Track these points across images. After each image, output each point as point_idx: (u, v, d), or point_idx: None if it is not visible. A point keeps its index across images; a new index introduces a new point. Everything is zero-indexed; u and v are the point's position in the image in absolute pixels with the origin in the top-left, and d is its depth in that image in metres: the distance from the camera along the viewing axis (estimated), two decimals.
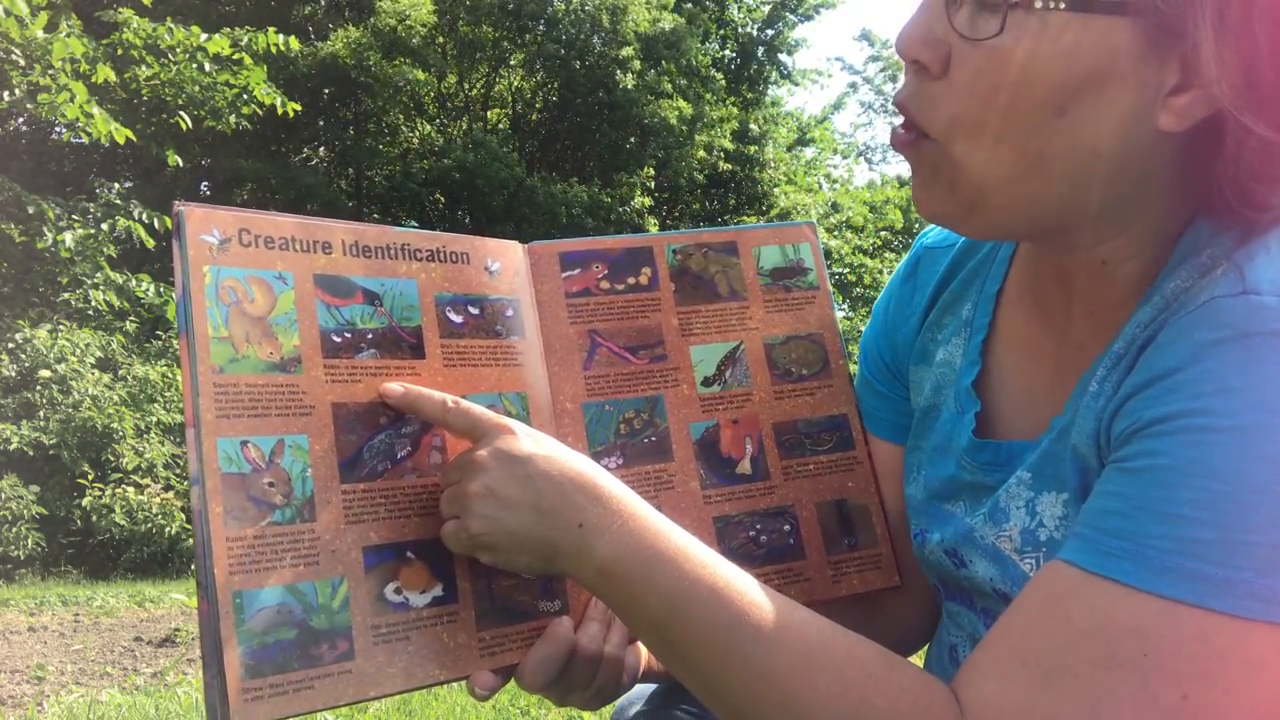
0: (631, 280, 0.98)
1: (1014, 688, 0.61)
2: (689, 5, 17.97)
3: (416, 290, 0.87)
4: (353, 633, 0.75)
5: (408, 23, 14.64)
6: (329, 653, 0.74)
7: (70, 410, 8.49)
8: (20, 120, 11.41)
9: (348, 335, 0.83)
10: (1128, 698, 0.58)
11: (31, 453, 8.19)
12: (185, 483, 8.82)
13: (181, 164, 8.59)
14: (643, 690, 1.00)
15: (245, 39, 8.19)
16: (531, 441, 0.76)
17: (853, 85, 26.23)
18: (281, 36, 8.00)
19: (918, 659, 0.99)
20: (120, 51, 8.22)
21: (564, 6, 15.23)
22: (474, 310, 0.89)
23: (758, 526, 0.94)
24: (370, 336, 0.83)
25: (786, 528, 0.94)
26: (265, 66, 8.39)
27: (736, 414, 0.97)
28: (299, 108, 8.32)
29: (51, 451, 8.29)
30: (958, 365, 0.89)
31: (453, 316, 0.88)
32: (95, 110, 6.87)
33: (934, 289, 0.94)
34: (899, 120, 0.74)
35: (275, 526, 0.75)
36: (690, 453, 0.94)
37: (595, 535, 0.72)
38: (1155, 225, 0.71)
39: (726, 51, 19.09)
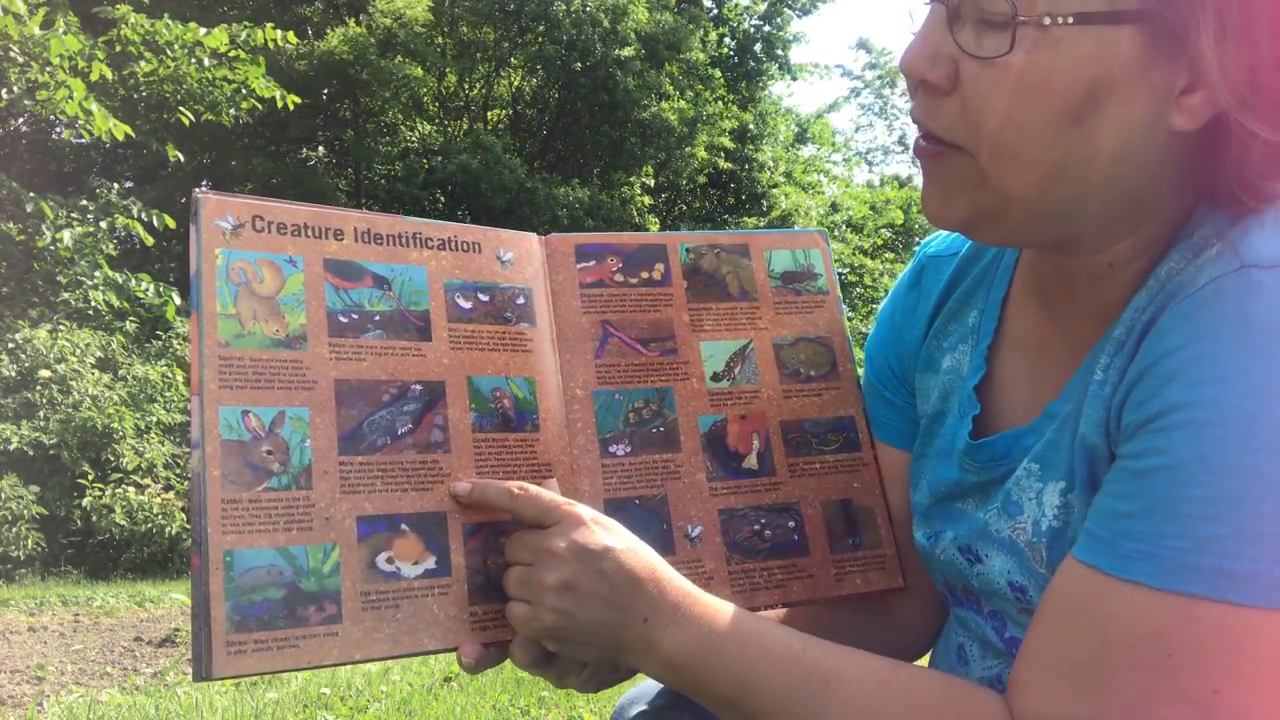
0: (645, 275, 0.99)
1: (1054, 698, 0.64)
2: (687, 4, 17.96)
3: (426, 276, 0.88)
4: (342, 597, 0.77)
5: (402, 21, 14.64)
6: (316, 614, 0.75)
7: (70, 410, 8.47)
8: (20, 120, 11.40)
9: (354, 316, 0.84)
10: (1160, 697, 0.60)
11: (31, 453, 8.17)
12: (185, 483, 8.81)
13: (182, 160, 8.58)
14: (644, 690, 0.99)
15: (243, 34, 8.19)
16: (605, 533, 0.78)
17: (854, 90, 26.26)
18: (279, 32, 8.00)
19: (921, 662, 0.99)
20: (118, 48, 8.21)
21: (565, 7, 15.22)
22: (484, 297, 0.90)
23: (763, 521, 0.94)
24: (377, 318, 0.85)
25: (791, 524, 0.95)
26: (264, 60, 8.39)
27: (744, 410, 0.97)
28: (298, 100, 8.34)
29: (51, 451, 8.27)
30: (964, 372, 0.89)
31: (461, 302, 0.89)
32: (94, 107, 6.86)
33: (938, 297, 0.94)
34: (914, 129, 0.74)
35: (271, 492, 0.77)
36: (698, 445, 0.95)
37: (659, 628, 0.75)
38: (1164, 225, 0.71)
39: (723, 49, 19.07)
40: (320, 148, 16.47)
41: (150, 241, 8.19)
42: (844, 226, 20.35)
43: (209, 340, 0.78)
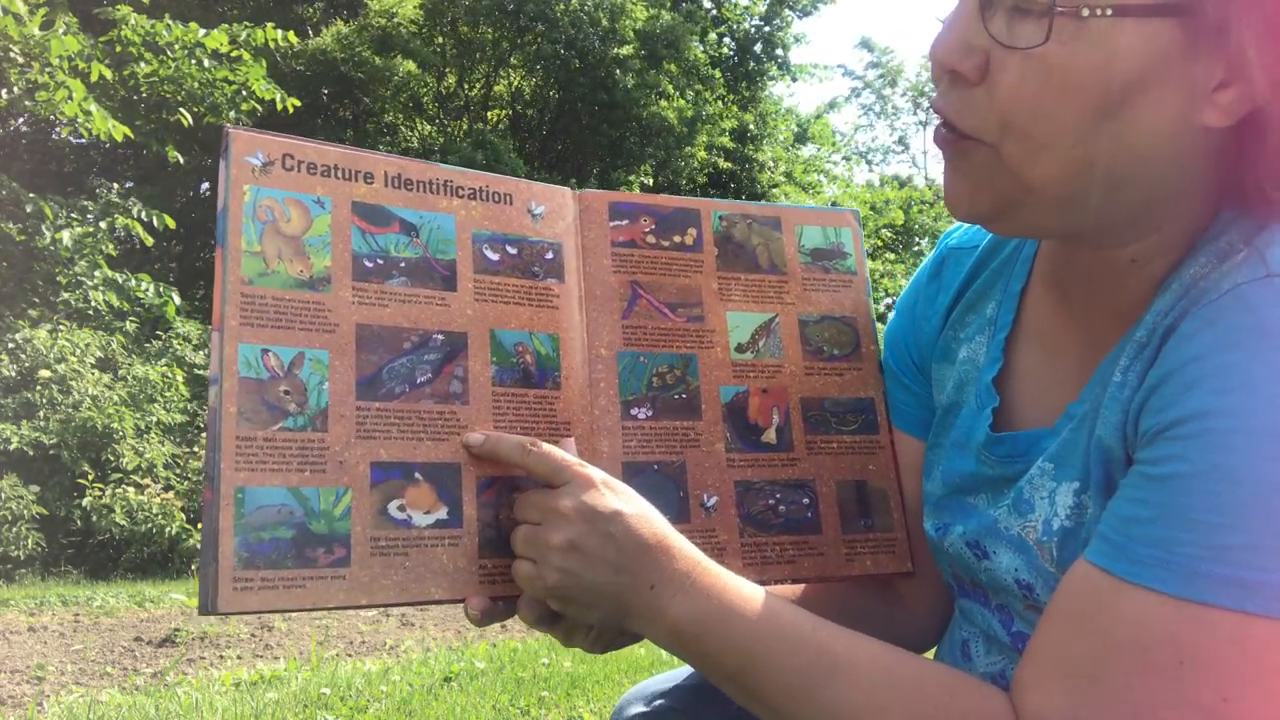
0: (677, 238, 0.99)
1: (1058, 699, 0.64)
2: (686, 4, 17.95)
3: (454, 225, 0.88)
4: (351, 541, 0.77)
5: (395, 20, 14.65)
6: (324, 557, 0.75)
7: (70, 410, 8.46)
8: (20, 120, 11.40)
9: (380, 261, 0.84)
10: (1167, 703, 0.59)
11: (31, 453, 8.16)
12: (185, 482, 8.81)
13: (182, 160, 8.59)
14: (644, 690, 0.99)
15: (244, 34, 8.20)
16: (615, 496, 0.77)
17: (855, 90, 26.26)
18: (280, 32, 8.01)
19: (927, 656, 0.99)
20: (119, 49, 8.22)
21: (563, 6, 15.21)
22: (512, 250, 0.90)
23: (777, 495, 0.94)
24: (403, 265, 0.85)
25: (805, 501, 0.95)
26: (265, 61, 8.41)
27: (766, 383, 0.97)
28: (298, 103, 8.35)
29: (51, 451, 8.26)
30: (981, 363, 0.89)
31: (489, 253, 0.89)
32: (93, 107, 6.87)
33: (958, 288, 0.94)
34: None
35: (286, 432, 0.77)
36: (718, 414, 0.95)
37: (667, 596, 0.74)
38: (1188, 223, 0.70)
39: (723, 49, 19.05)
40: None
41: (150, 241, 8.21)
42: None
43: (232, 276, 0.78)
